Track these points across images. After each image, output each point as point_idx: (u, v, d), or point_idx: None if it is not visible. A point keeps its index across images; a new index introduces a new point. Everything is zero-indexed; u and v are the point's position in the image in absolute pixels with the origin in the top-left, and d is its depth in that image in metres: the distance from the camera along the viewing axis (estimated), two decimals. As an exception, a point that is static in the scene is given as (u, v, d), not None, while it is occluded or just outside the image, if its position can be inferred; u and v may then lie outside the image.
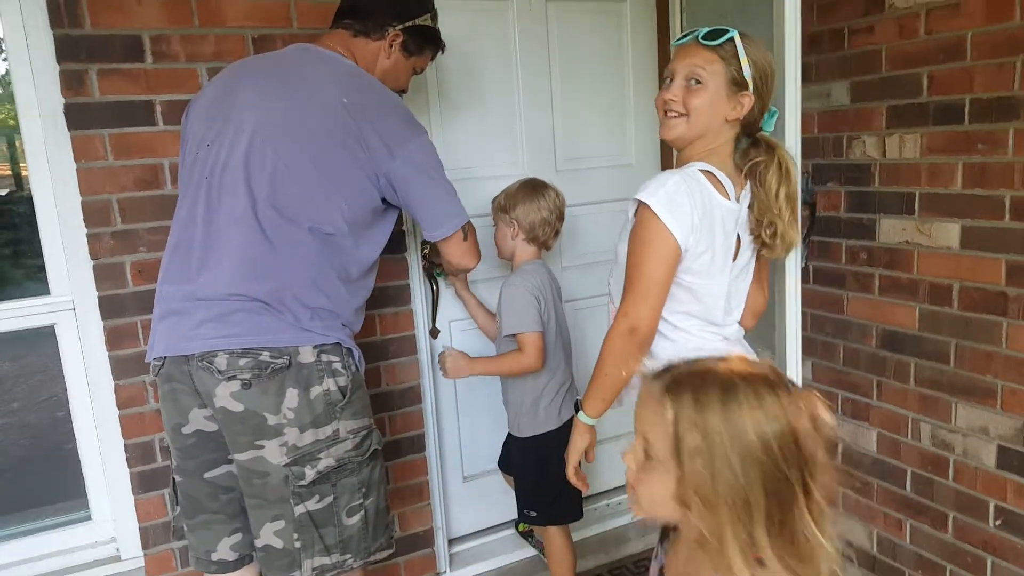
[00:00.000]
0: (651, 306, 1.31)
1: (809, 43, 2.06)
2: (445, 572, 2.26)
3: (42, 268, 1.81)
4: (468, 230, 1.60)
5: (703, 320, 1.44)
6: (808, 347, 2.21)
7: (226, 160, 1.40)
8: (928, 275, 1.87)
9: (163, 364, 1.44)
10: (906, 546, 2.02)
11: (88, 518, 1.93)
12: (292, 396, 1.37)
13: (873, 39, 1.92)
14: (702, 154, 1.39)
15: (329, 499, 1.41)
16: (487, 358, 1.99)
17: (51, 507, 1.96)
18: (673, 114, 1.38)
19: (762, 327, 1.75)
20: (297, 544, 1.40)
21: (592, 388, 1.40)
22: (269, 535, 1.41)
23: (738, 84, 1.34)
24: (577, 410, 1.47)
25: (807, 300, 2.19)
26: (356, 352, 1.49)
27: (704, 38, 1.35)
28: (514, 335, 1.90)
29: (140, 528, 1.85)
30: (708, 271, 1.37)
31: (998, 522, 1.79)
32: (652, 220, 1.29)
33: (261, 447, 1.37)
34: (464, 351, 2.03)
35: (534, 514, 2.00)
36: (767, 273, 1.58)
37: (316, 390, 1.39)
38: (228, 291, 1.37)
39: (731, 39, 1.33)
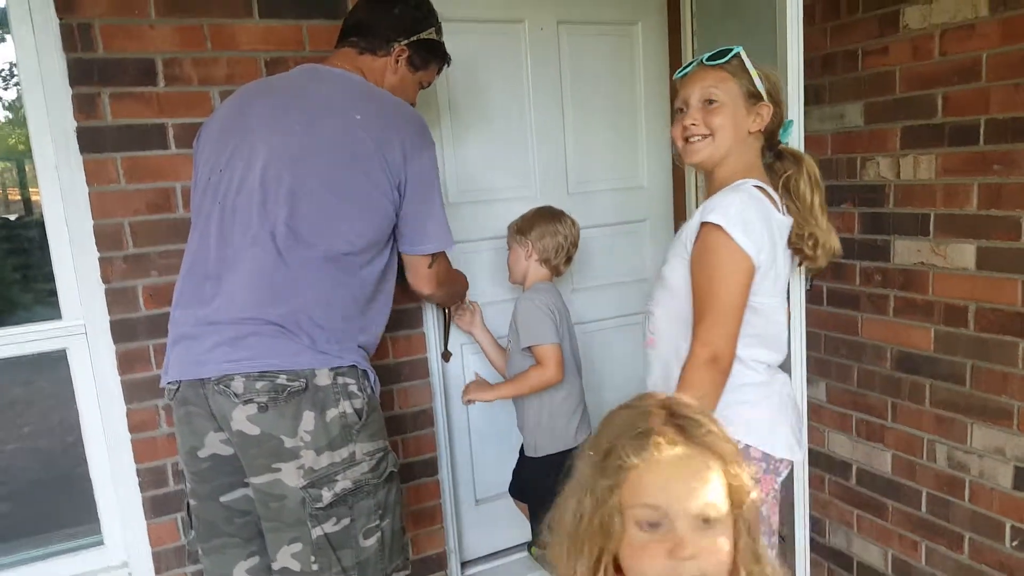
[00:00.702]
0: (731, 331, 1.27)
1: (823, 65, 2.06)
2: (458, 594, 2.25)
3: (52, 293, 1.80)
4: (437, 259, 1.60)
5: (770, 351, 1.40)
6: (822, 369, 2.20)
7: (239, 184, 1.40)
8: (943, 296, 1.86)
9: (178, 388, 1.43)
10: (922, 567, 2.01)
11: (100, 543, 1.91)
12: (309, 419, 1.36)
13: (887, 60, 1.91)
14: (742, 171, 1.36)
15: (346, 521, 1.40)
16: (508, 381, 1.99)
17: (62, 532, 1.94)
18: (696, 138, 1.36)
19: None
20: (315, 567, 1.39)
21: None
22: (286, 558, 1.40)
23: (753, 96, 1.34)
24: None
25: (821, 322, 2.18)
26: (372, 375, 1.49)
27: (709, 59, 1.36)
28: (530, 348, 1.91)
29: (152, 552, 1.84)
30: (774, 290, 1.36)
31: (1015, 543, 1.78)
32: (725, 241, 1.25)
33: (278, 470, 1.36)
34: (484, 378, 2.04)
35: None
36: None
37: (332, 412, 1.38)
38: (242, 314, 1.36)
39: (737, 54, 1.34)
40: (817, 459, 2.26)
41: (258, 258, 1.37)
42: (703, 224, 1.29)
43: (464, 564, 2.34)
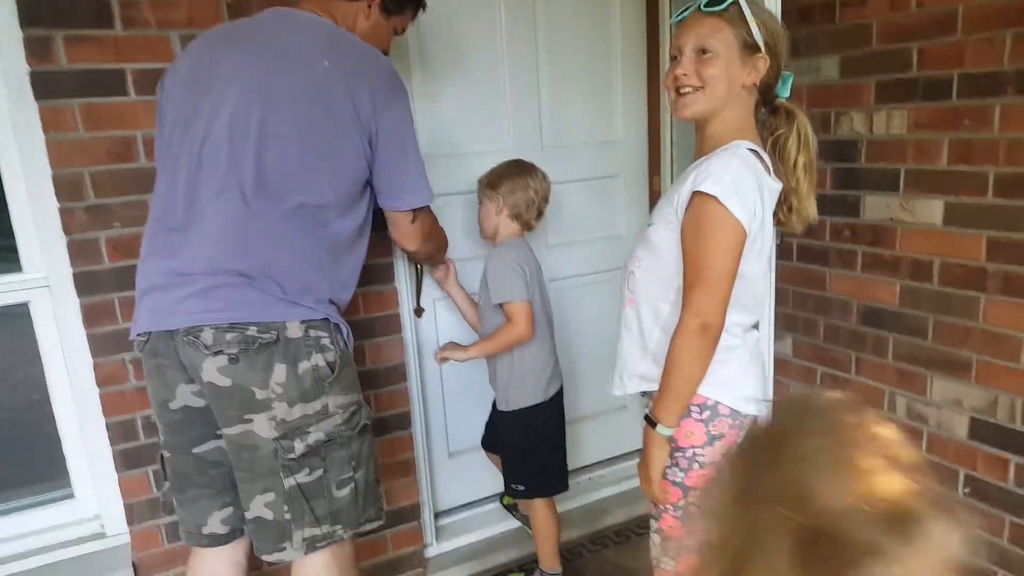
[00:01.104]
0: (722, 301, 1.26)
1: (800, 16, 2.03)
2: (431, 544, 2.30)
3: (10, 249, 1.75)
4: (419, 214, 1.57)
5: (749, 314, 1.41)
6: (790, 323, 2.24)
7: (206, 132, 1.36)
8: (910, 251, 1.89)
9: (148, 339, 1.42)
10: (878, 513, 2.09)
11: (71, 496, 1.91)
12: (280, 371, 1.36)
13: (864, 12, 1.89)
14: (736, 130, 1.32)
15: (319, 472, 1.42)
16: (480, 341, 1.99)
17: (33, 487, 1.94)
18: (687, 89, 1.31)
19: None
20: (287, 516, 1.41)
21: (667, 396, 1.31)
22: (259, 507, 1.42)
23: (750, 47, 1.28)
24: (653, 423, 1.34)
25: (790, 277, 2.21)
26: (344, 328, 1.49)
27: (707, 5, 1.29)
28: (502, 305, 1.90)
29: (125, 505, 1.84)
30: (760, 255, 1.34)
31: (967, 490, 1.85)
32: (720, 211, 1.22)
33: (250, 421, 1.37)
34: (455, 341, 2.04)
35: (522, 488, 2.02)
36: None
37: (304, 365, 1.38)
38: (212, 266, 1.34)
39: (735, 2, 1.27)
40: (783, 411, 2.32)
41: (227, 209, 1.35)
42: (696, 193, 1.25)
43: (437, 515, 2.39)
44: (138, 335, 1.44)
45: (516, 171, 1.95)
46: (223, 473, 1.50)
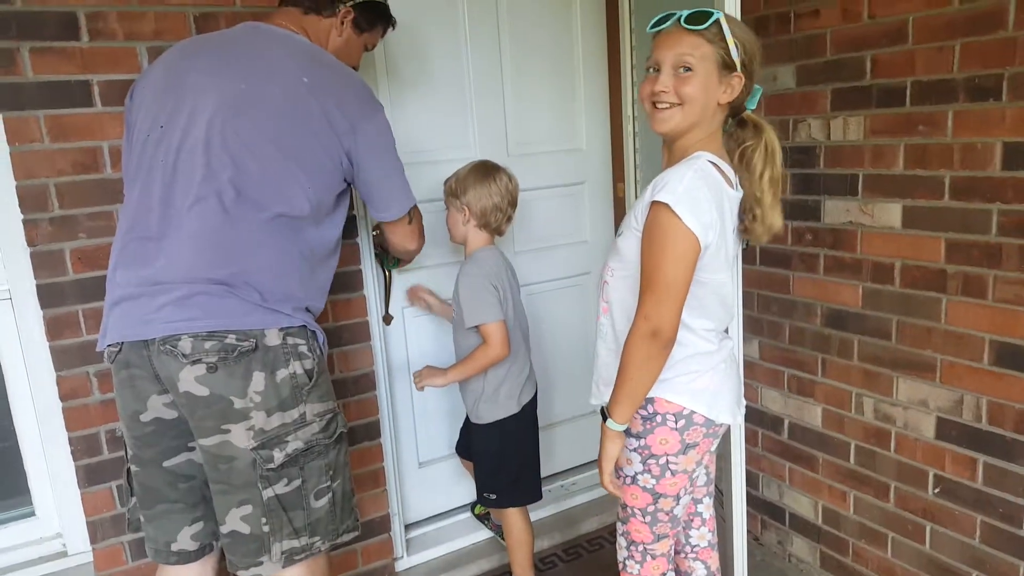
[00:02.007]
0: (673, 308, 1.27)
1: (756, 27, 2.09)
2: (402, 557, 2.27)
3: None
4: (414, 214, 1.63)
5: (719, 319, 1.43)
6: (755, 327, 2.26)
7: (181, 142, 1.37)
8: (871, 254, 1.93)
9: (120, 350, 1.40)
10: (850, 516, 2.10)
11: (32, 514, 1.87)
12: (259, 379, 1.35)
13: (818, 23, 1.95)
14: (700, 142, 1.34)
15: (297, 482, 1.40)
16: (457, 364, 1.94)
17: (-10, 505, 1.90)
18: (665, 105, 1.32)
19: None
20: (265, 528, 1.39)
21: (619, 394, 1.35)
22: (235, 521, 1.39)
23: (728, 66, 1.30)
24: (604, 418, 1.39)
25: (755, 281, 2.24)
26: (320, 335, 1.49)
27: (687, 22, 1.29)
28: (477, 327, 1.87)
29: (88, 522, 1.80)
30: (724, 265, 1.36)
31: (936, 490, 1.86)
32: (671, 220, 1.25)
33: (227, 431, 1.35)
34: (431, 365, 2.00)
35: (494, 496, 2.01)
36: None
37: (282, 373, 1.38)
38: (189, 274, 1.34)
39: (716, 20, 1.28)
40: (751, 415, 2.33)
41: (204, 217, 1.35)
42: (653, 202, 1.28)
43: (408, 526, 2.36)
44: (108, 346, 1.42)
45: (479, 176, 1.90)
46: (194, 487, 1.48)
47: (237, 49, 1.45)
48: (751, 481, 2.38)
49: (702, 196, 1.26)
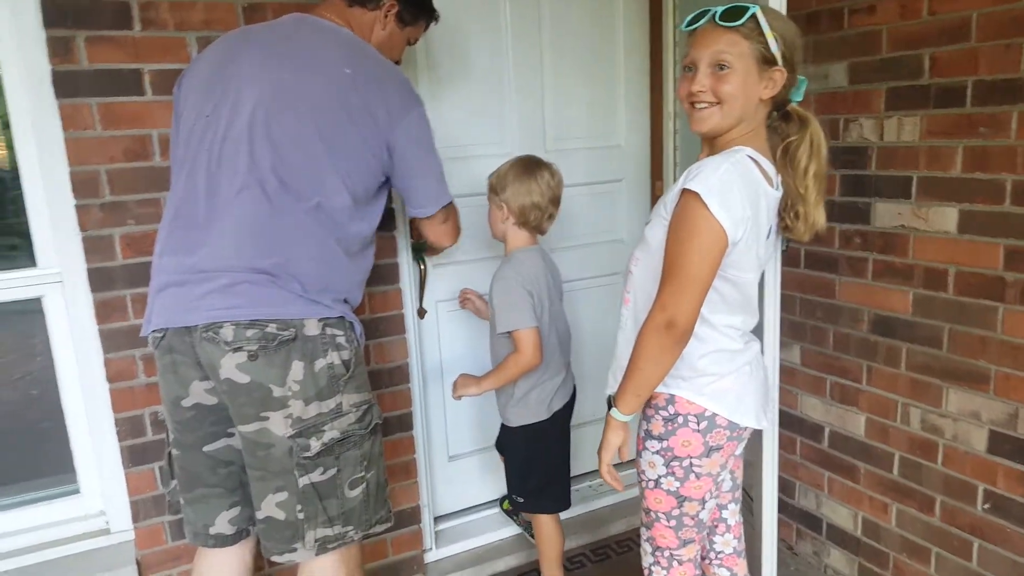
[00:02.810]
0: (692, 301, 1.23)
1: (807, 23, 2.03)
2: (431, 549, 2.28)
3: (12, 247, 1.80)
4: (449, 211, 1.63)
5: (744, 318, 1.40)
6: (798, 332, 2.21)
7: (226, 131, 1.39)
8: (923, 259, 1.86)
9: (164, 336, 1.42)
10: (891, 529, 2.03)
11: (76, 491, 1.92)
12: (297, 368, 1.37)
13: (874, 20, 1.89)
14: (742, 138, 1.30)
15: (332, 471, 1.42)
16: (490, 373, 1.90)
17: (35, 482, 1.95)
18: (703, 105, 1.28)
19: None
20: (300, 515, 1.41)
21: (627, 384, 1.33)
22: (271, 507, 1.41)
23: (767, 61, 1.25)
24: (610, 406, 1.38)
25: (798, 284, 2.18)
26: (358, 327, 1.50)
27: (723, 18, 1.25)
28: (509, 333, 1.83)
29: (130, 501, 1.85)
30: (754, 265, 1.33)
31: (986, 506, 1.80)
32: (700, 210, 1.20)
33: (266, 419, 1.37)
34: (466, 373, 1.96)
35: (521, 500, 2.00)
36: None
37: (321, 363, 1.39)
38: (233, 263, 1.36)
39: (753, 15, 1.23)
40: (789, 422, 2.28)
41: (248, 207, 1.37)
42: (684, 190, 1.24)
43: (437, 519, 2.37)
44: (153, 331, 1.45)
45: (520, 174, 1.82)
46: (233, 472, 1.50)
47: (282, 41, 1.46)
48: (787, 489, 2.32)
49: (735, 190, 1.22)
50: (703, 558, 1.65)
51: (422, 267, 2.12)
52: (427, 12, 1.66)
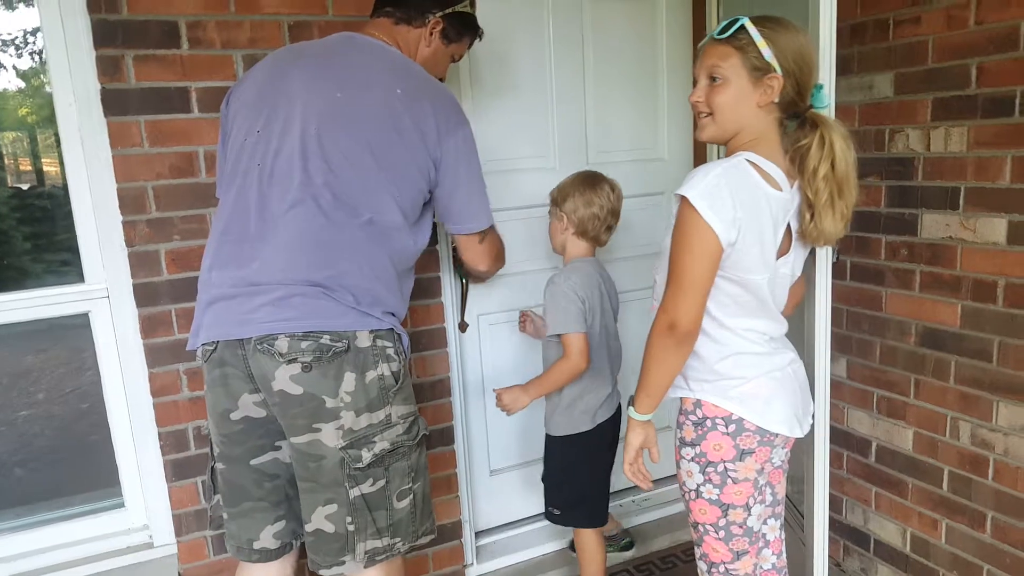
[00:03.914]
0: (690, 302, 1.29)
1: (852, 34, 2.02)
2: (472, 564, 2.26)
3: (64, 263, 1.82)
4: (487, 234, 1.62)
5: (766, 322, 1.41)
6: (844, 345, 2.18)
7: (278, 147, 1.40)
8: (972, 271, 1.83)
9: (215, 349, 1.43)
10: (941, 545, 2.00)
11: (121, 505, 1.93)
12: (349, 380, 1.37)
13: (919, 30, 1.87)
14: (748, 144, 1.35)
15: (382, 483, 1.42)
16: (537, 379, 1.91)
17: (81, 495, 1.97)
18: (702, 115, 1.37)
19: (794, 325, 1.72)
20: (351, 528, 1.41)
21: (639, 384, 1.39)
22: (320, 519, 1.41)
23: (759, 69, 1.30)
24: (629, 404, 1.45)
25: (844, 297, 2.16)
26: (406, 339, 1.51)
27: (717, 33, 1.34)
28: (559, 336, 1.85)
29: (173, 515, 1.86)
30: (759, 266, 1.34)
31: (1038, 524, 1.76)
32: (691, 214, 1.26)
33: (318, 430, 1.38)
34: (511, 385, 1.95)
35: (557, 512, 1.98)
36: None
37: (371, 375, 1.40)
38: (286, 276, 1.37)
39: (742, 26, 1.30)
40: (836, 436, 2.24)
41: (303, 221, 1.37)
42: (678, 195, 1.30)
43: (478, 534, 2.36)
44: (203, 344, 1.45)
45: (581, 186, 1.90)
46: (278, 486, 1.50)
47: (334, 59, 1.47)
48: (834, 505, 2.29)
49: (725, 193, 1.25)
50: None
51: (463, 281, 2.12)
52: (471, 30, 1.68)
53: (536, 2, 2.21)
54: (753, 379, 1.38)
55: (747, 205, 1.28)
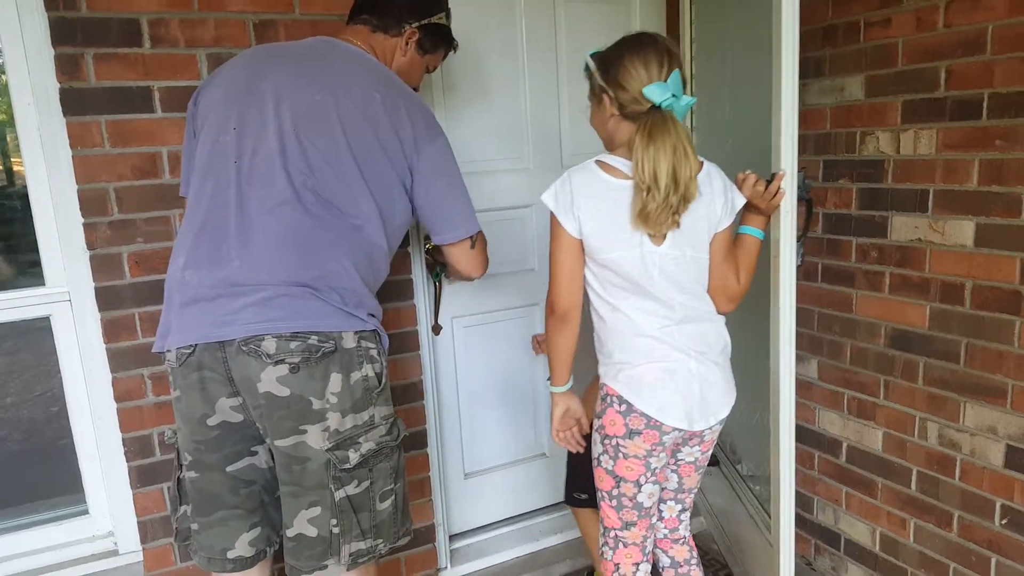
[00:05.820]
0: (559, 287, 1.48)
1: (823, 36, 2.02)
2: (445, 568, 2.25)
3: (34, 264, 1.78)
4: (477, 239, 1.62)
5: (645, 298, 1.47)
6: (815, 346, 2.19)
7: (255, 146, 1.38)
8: (940, 273, 1.85)
9: (192, 352, 1.38)
10: (909, 544, 2.02)
11: (85, 512, 1.90)
12: (335, 381, 1.37)
13: (890, 32, 1.88)
14: (618, 148, 1.50)
15: (366, 484, 1.42)
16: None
17: (47, 501, 1.93)
18: None
19: (762, 325, 1.72)
20: (335, 530, 1.40)
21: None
22: (303, 524, 1.40)
23: (596, 93, 1.50)
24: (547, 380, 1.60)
25: (815, 299, 2.17)
26: (386, 340, 1.51)
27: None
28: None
29: (138, 522, 1.83)
30: (615, 245, 1.44)
31: (1004, 521, 1.78)
32: (551, 214, 1.47)
33: (304, 432, 1.36)
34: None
35: (585, 496, 1.96)
36: (739, 254, 1.56)
37: (356, 376, 1.39)
38: (272, 276, 1.35)
39: (586, 66, 1.51)
40: (807, 437, 2.26)
41: (287, 221, 1.36)
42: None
43: (452, 537, 2.35)
44: (180, 348, 1.40)
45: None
46: (253, 492, 1.48)
47: (314, 62, 1.46)
48: (805, 505, 2.31)
49: (565, 191, 1.45)
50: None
51: (437, 283, 2.11)
52: (446, 42, 1.69)
53: (508, 5, 2.20)
54: (641, 365, 1.48)
55: (590, 196, 1.43)
